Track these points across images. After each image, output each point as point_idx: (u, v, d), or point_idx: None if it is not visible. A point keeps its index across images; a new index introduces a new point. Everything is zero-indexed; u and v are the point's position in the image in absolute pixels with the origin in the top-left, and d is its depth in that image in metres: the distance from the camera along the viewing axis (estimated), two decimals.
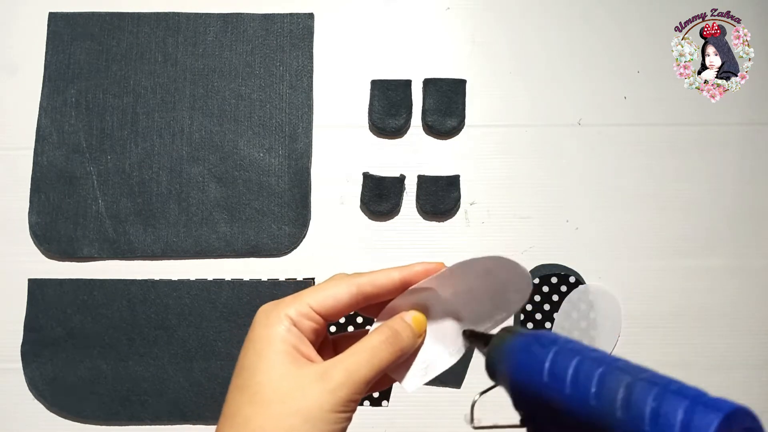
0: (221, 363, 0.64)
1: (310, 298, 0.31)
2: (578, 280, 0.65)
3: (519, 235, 0.66)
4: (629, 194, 0.68)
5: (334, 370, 0.29)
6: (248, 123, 0.68)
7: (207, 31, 0.70)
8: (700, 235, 0.67)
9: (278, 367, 0.29)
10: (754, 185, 0.68)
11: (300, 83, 0.69)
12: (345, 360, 0.29)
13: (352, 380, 0.28)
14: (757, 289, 0.66)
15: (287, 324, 0.30)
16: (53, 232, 0.65)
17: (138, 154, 0.67)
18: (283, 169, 0.67)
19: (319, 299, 0.31)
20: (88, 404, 0.62)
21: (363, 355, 0.30)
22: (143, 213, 0.66)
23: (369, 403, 0.63)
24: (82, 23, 0.70)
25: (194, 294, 0.65)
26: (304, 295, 0.31)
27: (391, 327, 0.31)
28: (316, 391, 0.28)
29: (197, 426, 0.63)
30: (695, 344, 0.65)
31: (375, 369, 0.29)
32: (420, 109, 0.69)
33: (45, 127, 0.67)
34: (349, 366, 0.29)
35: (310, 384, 0.28)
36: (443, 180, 0.67)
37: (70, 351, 0.63)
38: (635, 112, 0.69)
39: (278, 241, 0.66)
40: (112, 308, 0.64)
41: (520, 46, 0.71)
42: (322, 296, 0.32)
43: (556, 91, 0.70)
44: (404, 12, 0.71)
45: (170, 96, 0.68)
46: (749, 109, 0.70)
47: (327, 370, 0.29)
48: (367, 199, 0.66)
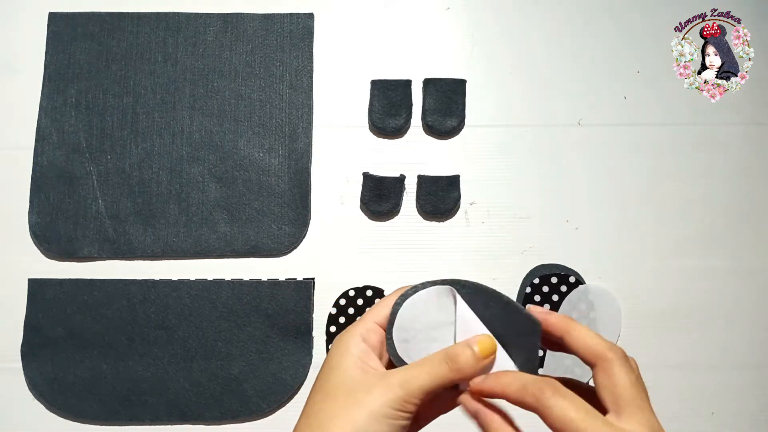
0: (221, 363, 0.64)
1: (373, 314, 0.36)
2: (578, 280, 0.65)
3: (519, 235, 0.66)
4: (629, 194, 0.68)
5: (395, 375, 0.33)
6: (248, 123, 0.68)
7: (207, 31, 0.70)
8: (699, 235, 0.67)
9: (349, 372, 0.34)
10: (753, 185, 0.68)
11: (300, 83, 0.69)
12: (406, 369, 0.34)
13: (409, 384, 0.32)
14: (756, 289, 0.66)
15: (357, 340, 0.35)
16: (53, 232, 0.65)
17: (138, 154, 0.67)
18: (283, 169, 0.67)
19: (379, 314, 0.36)
20: (88, 404, 0.62)
21: (422, 368, 0.33)
22: (143, 213, 0.66)
23: None
24: (82, 23, 0.70)
25: (194, 294, 0.65)
26: (368, 314, 0.37)
27: (451, 349, 0.34)
28: (377, 388, 0.32)
29: (197, 426, 0.63)
30: (695, 344, 0.65)
31: (432, 381, 0.33)
32: (420, 109, 0.69)
33: (45, 127, 0.67)
34: (408, 374, 0.33)
35: (373, 383, 0.33)
36: (443, 180, 0.67)
37: (70, 351, 0.63)
38: (635, 112, 0.69)
39: (278, 241, 0.66)
40: (112, 308, 0.64)
41: (520, 46, 0.71)
42: (381, 310, 0.36)
43: (556, 91, 0.70)
44: (404, 12, 0.71)
45: (170, 96, 0.68)
46: (749, 109, 0.70)
47: (388, 373, 0.33)
48: (367, 199, 0.66)
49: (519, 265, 0.66)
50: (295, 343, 0.64)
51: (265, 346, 0.64)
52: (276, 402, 0.63)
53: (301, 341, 0.64)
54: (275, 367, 0.63)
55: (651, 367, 0.64)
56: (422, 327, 0.35)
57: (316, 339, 0.64)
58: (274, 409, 0.63)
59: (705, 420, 0.63)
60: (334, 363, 0.35)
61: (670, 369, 0.64)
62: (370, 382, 0.33)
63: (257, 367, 0.63)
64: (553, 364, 0.63)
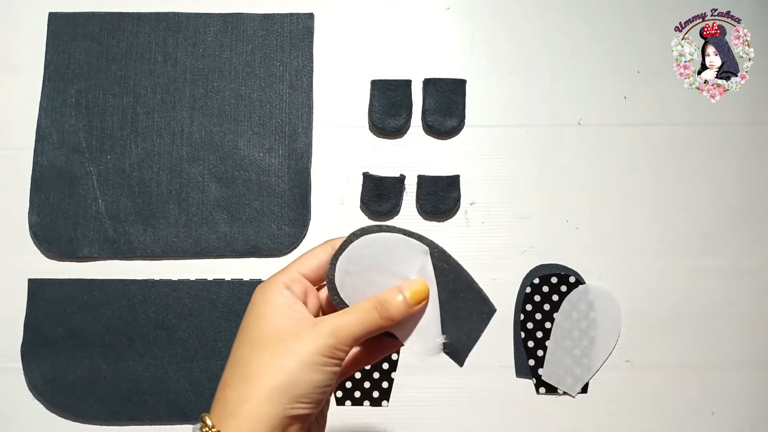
0: (221, 363, 0.63)
1: (297, 265, 0.36)
2: (578, 280, 0.65)
3: (519, 235, 0.66)
4: (629, 194, 0.68)
5: (324, 322, 0.33)
6: (248, 123, 0.68)
7: (207, 31, 0.70)
8: (700, 235, 0.67)
9: (276, 320, 0.33)
10: (754, 185, 0.68)
11: (300, 83, 0.69)
12: (336, 317, 0.33)
13: (340, 332, 0.32)
14: (756, 289, 0.66)
15: (281, 288, 0.35)
16: (53, 232, 0.65)
17: (138, 154, 0.67)
18: (283, 169, 0.67)
19: (304, 264, 0.36)
20: (88, 404, 0.62)
21: (352, 315, 0.33)
22: (143, 213, 0.66)
23: (369, 403, 0.63)
24: (82, 23, 0.70)
25: (194, 294, 0.65)
26: (293, 264, 0.37)
27: (382, 296, 0.34)
28: (308, 336, 0.32)
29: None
30: (695, 344, 0.65)
31: (362, 328, 0.33)
32: (420, 109, 0.69)
33: (45, 127, 0.67)
34: (339, 322, 0.33)
35: (302, 331, 0.32)
36: (443, 180, 0.67)
37: (70, 351, 0.63)
38: (635, 112, 0.69)
39: (278, 241, 0.66)
40: (112, 308, 0.64)
41: (520, 46, 0.71)
42: (307, 261, 0.36)
43: (556, 91, 0.70)
44: (404, 12, 0.71)
45: (170, 96, 0.68)
46: (749, 109, 0.70)
47: (318, 321, 0.33)
48: (367, 199, 0.66)
49: (519, 265, 0.66)
50: None
51: None
52: None
53: None
54: None
55: (651, 367, 0.64)
56: (369, 266, 0.36)
57: None
58: None
59: (705, 420, 0.63)
60: (258, 311, 0.34)
61: (670, 369, 0.64)
62: (299, 330, 0.32)
63: None
64: (553, 364, 0.63)
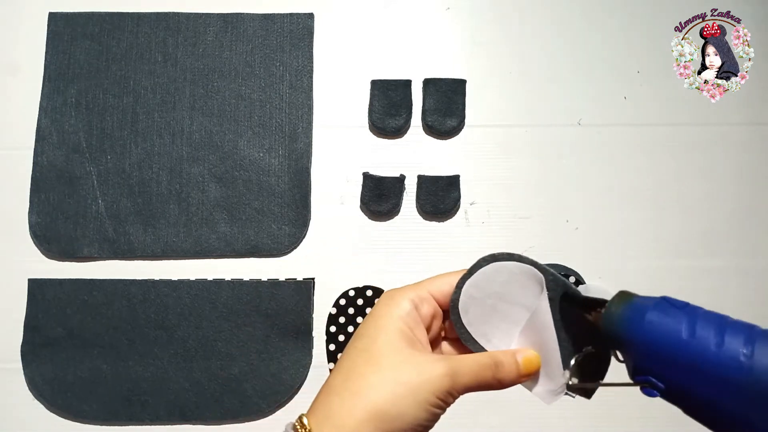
0: (221, 363, 0.64)
1: (429, 284, 0.35)
2: (578, 280, 0.65)
3: (519, 235, 0.66)
4: (629, 194, 0.68)
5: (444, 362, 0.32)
6: (248, 123, 0.68)
7: (207, 31, 0.70)
8: (700, 235, 0.67)
9: (396, 342, 0.32)
10: (754, 185, 0.68)
11: (300, 83, 0.69)
12: (458, 361, 0.32)
13: (457, 378, 0.31)
14: (756, 289, 0.66)
15: (408, 306, 0.33)
16: (53, 232, 0.65)
17: (138, 154, 0.67)
18: (283, 169, 0.67)
19: (436, 285, 0.35)
20: (88, 404, 0.62)
21: (472, 367, 0.32)
22: (143, 213, 0.66)
23: None
24: (82, 23, 0.70)
25: (194, 294, 0.65)
26: (425, 282, 0.35)
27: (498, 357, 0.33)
28: (427, 372, 0.31)
29: (197, 426, 0.63)
30: None
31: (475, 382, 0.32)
32: (420, 109, 0.69)
33: (45, 127, 0.67)
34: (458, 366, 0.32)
35: (423, 364, 0.31)
36: (443, 180, 0.67)
37: (70, 351, 0.63)
38: (635, 112, 0.69)
39: (278, 241, 0.66)
40: (112, 308, 0.64)
41: (520, 46, 0.71)
42: (440, 283, 0.35)
43: (556, 91, 0.70)
44: (404, 12, 0.71)
45: (170, 96, 0.68)
46: (749, 109, 0.70)
47: (439, 360, 0.32)
48: (367, 199, 0.66)
49: None
50: (295, 343, 0.64)
51: (265, 346, 0.64)
52: (276, 402, 0.63)
53: (301, 341, 0.64)
54: (275, 367, 0.63)
55: None
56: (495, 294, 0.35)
57: (316, 339, 0.64)
58: (274, 409, 0.63)
59: None
60: (381, 323, 0.33)
61: None
62: (419, 364, 0.31)
63: (257, 367, 0.63)
64: None
